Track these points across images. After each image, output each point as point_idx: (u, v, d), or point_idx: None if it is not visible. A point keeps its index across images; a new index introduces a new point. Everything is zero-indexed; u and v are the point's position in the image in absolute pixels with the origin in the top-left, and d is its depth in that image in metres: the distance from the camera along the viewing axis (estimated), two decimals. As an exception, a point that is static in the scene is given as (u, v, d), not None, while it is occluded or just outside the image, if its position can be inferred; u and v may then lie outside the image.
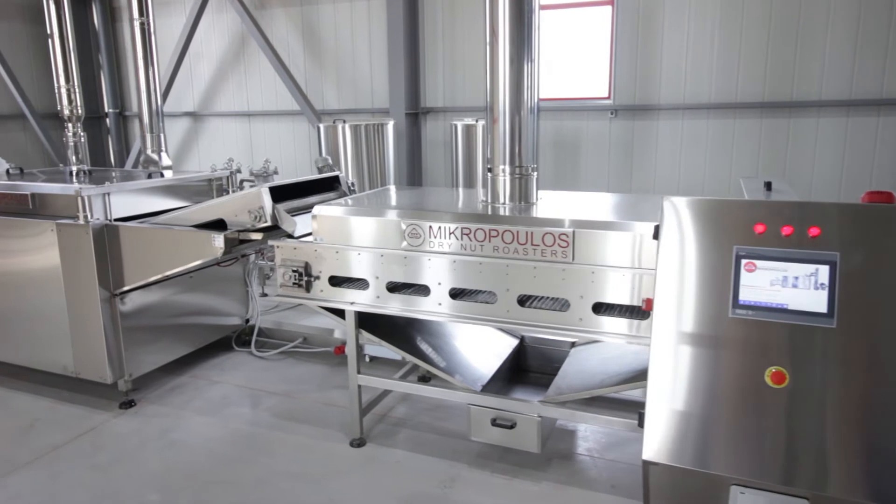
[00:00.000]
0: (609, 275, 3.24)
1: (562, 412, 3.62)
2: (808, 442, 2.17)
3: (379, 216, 3.77)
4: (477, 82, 8.80)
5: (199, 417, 4.54)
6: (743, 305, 2.26)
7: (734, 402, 2.22)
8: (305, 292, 4.03)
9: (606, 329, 3.33)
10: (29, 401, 4.81)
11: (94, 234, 4.36)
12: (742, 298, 2.26)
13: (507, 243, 3.46)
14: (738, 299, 2.26)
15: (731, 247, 2.27)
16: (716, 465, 2.21)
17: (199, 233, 4.13)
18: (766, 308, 2.23)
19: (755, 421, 2.19)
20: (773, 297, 2.22)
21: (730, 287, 2.27)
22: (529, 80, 3.77)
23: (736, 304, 2.26)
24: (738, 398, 2.22)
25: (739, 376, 2.23)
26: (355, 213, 3.85)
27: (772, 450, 2.17)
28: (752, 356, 2.22)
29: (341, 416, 4.50)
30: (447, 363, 4.07)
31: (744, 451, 2.17)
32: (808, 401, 2.19)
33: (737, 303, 2.26)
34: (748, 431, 2.19)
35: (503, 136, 3.85)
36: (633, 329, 3.25)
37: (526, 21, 3.70)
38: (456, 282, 3.62)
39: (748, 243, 2.26)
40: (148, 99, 6.20)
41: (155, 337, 4.90)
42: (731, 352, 2.25)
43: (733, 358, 2.25)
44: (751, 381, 2.21)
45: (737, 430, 2.20)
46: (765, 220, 2.24)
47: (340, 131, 7.04)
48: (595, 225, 3.29)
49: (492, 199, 3.97)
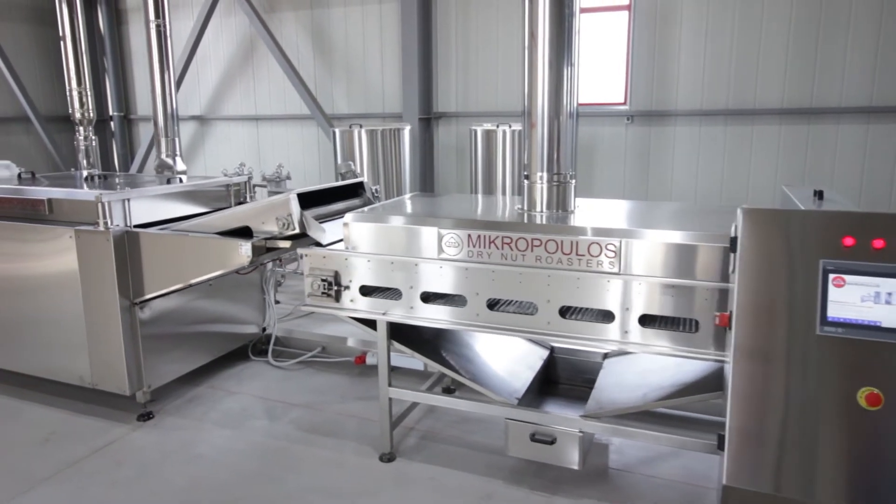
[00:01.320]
0: (658, 286, 3.14)
1: (604, 427, 3.50)
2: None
3: (415, 224, 3.65)
4: (490, 87, 8.71)
5: (220, 430, 4.41)
6: (832, 322, 2.15)
7: (825, 426, 2.11)
8: (335, 302, 3.91)
9: (654, 342, 3.22)
10: (43, 412, 4.67)
11: (115, 240, 4.23)
12: (831, 315, 2.15)
13: (551, 253, 3.35)
14: (827, 316, 2.15)
15: (818, 260, 2.16)
16: (803, 493, 2.10)
17: (225, 241, 4.01)
18: (857, 325, 2.12)
19: (848, 445, 2.07)
20: (864, 314, 2.11)
21: (817, 303, 2.16)
22: (569, 85, 3.67)
23: (824, 322, 2.16)
24: (829, 421, 2.11)
25: (830, 398, 2.12)
26: (389, 221, 3.73)
27: (866, 477, 2.05)
28: (844, 376, 2.11)
29: (367, 429, 4.38)
30: (480, 375, 3.95)
31: (835, 478, 2.06)
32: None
33: (825, 320, 2.15)
34: (840, 457, 2.07)
35: (541, 141, 3.74)
36: (684, 343, 3.14)
37: (566, 24, 3.60)
38: (494, 292, 3.51)
39: (836, 257, 2.15)
40: (163, 102, 6.07)
41: (173, 346, 4.77)
42: (820, 371, 2.14)
43: (822, 378, 2.14)
44: (843, 403, 2.10)
45: (827, 455, 2.09)
46: (854, 232, 2.14)
47: (356, 136, 6.92)
48: (644, 235, 3.18)
49: (528, 207, 3.86)
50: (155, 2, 5.90)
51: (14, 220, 4.64)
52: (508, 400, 3.74)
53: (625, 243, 3.20)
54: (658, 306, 3.18)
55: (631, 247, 3.19)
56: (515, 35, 8.47)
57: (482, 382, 3.83)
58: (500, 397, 3.74)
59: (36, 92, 10.82)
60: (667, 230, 3.20)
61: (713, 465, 3.87)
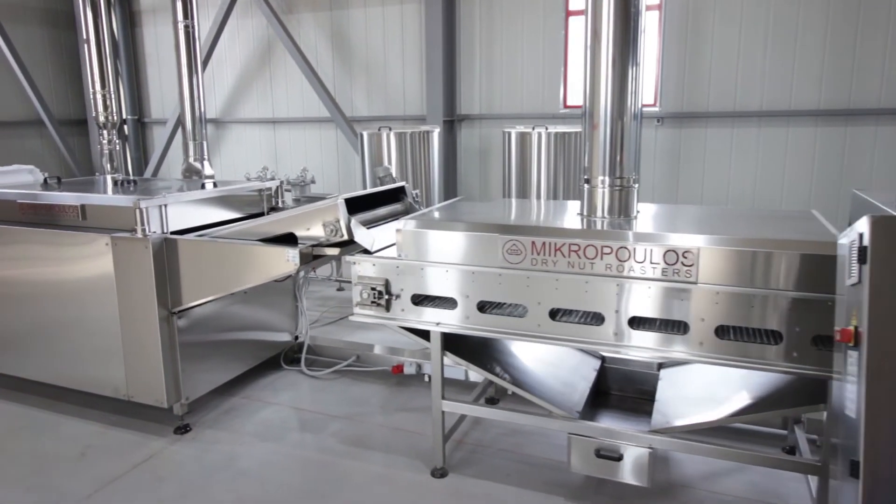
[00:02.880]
0: (737, 297, 2.98)
1: (676, 443, 3.34)
2: None
3: (474, 231, 3.50)
4: (515, 89, 8.57)
5: (262, 444, 4.25)
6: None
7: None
8: (385, 312, 3.75)
9: (731, 354, 3.06)
10: (76, 425, 4.51)
11: (154, 248, 4.07)
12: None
13: (622, 261, 3.19)
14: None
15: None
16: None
17: (271, 248, 3.85)
18: None
19: None
20: None
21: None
22: (633, 85, 3.52)
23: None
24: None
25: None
26: (445, 227, 3.58)
27: None
28: None
29: (414, 442, 4.23)
30: (538, 388, 3.80)
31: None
32: None
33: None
34: None
35: (603, 144, 3.59)
36: (765, 356, 2.99)
37: (632, 22, 3.45)
38: (558, 302, 3.35)
39: None
40: (191, 106, 5.93)
41: (209, 356, 4.62)
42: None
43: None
44: None
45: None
46: None
47: (385, 139, 6.77)
48: (724, 242, 3.03)
49: (588, 213, 3.71)
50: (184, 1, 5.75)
51: (45, 227, 4.49)
52: (569, 413, 3.58)
53: (702, 251, 3.04)
54: (736, 317, 3.03)
55: (709, 255, 3.04)
56: (540, 36, 8.34)
57: (541, 395, 3.68)
58: (561, 411, 3.59)
59: (49, 95, 10.68)
60: (748, 237, 3.05)
61: (781, 481, 3.73)
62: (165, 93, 11.16)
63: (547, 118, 8.28)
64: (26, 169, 5.94)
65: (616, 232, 3.31)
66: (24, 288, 4.60)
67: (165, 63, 11.06)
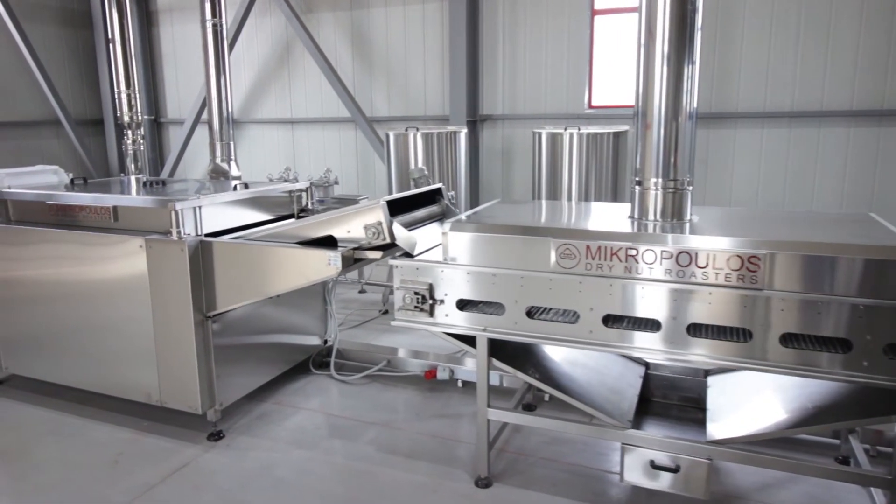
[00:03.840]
0: (804, 304, 2.87)
1: (736, 454, 3.23)
2: None
3: (525, 235, 3.39)
4: (538, 89, 8.46)
5: (298, 451, 4.15)
6: None
7: None
8: (428, 317, 3.65)
9: (797, 363, 2.95)
10: (108, 431, 4.42)
11: (190, 250, 3.97)
12: None
13: (683, 266, 3.08)
14: None
15: None
16: None
17: (311, 251, 3.75)
18: None
19: None
20: None
21: None
22: (689, 84, 3.41)
23: None
24: None
25: None
26: (495, 231, 3.47)
27: None
28: None
29: (453, 450, 4.12)
30: (587, 396, 3.69)
31: None
32: None
33: None
34: None
35: (656, 144, 3.48)
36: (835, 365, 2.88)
37: (688, 20, 3.34)
38: (611, 307, 3.25)
39: None
40: (219, 106, 5.82)
41: (243, 361, 4.52)
42: None
43: None
44: None
45: None
46: None
47: (411, 139, 6.67)
48: (792, 246, 2.92)
49: (640, 215, 3.60)
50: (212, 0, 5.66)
51: (77, 229, 4.40)
52: (621, 422, 3.47)
53: (769, 257, 2.93)
54: (802, 325, 2.92)
55: (776, 260, 2.93)
56: (565, 35, 8.22)
57: (591, 403, 3.57)
58: (613, 420, 3.48)
59: (66, 95, 10.61)
60: (814, 241, 2.94)
61: (837, 492, 3.62)
62: (182, 93, 11.08)
63: (572, 118, 8.17)
64: (51, 169, 5.84)
65: (676, 236, 3.19)
66: (54, 291, 4.51)
67: (182, 63, 10.99)
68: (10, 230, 4.64)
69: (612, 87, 8.27)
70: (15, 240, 4.60)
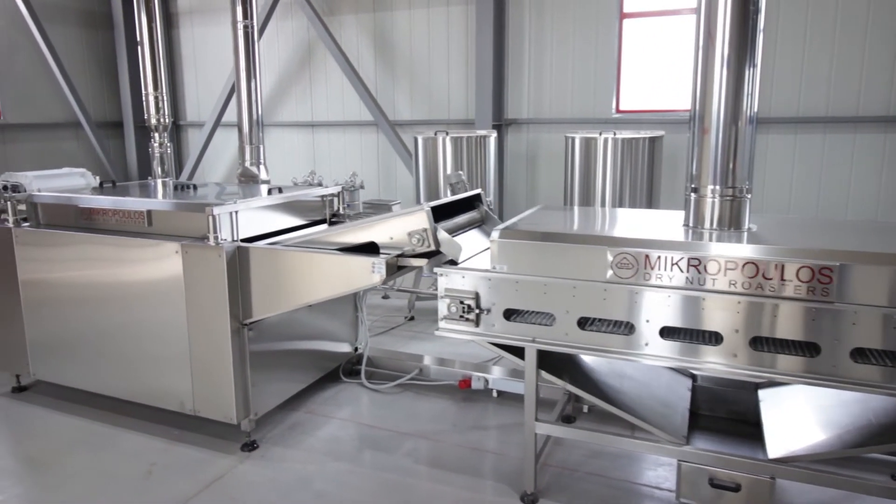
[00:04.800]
0: (878, 317, 2.75)
1: (801, 473, 3.10)
2: None
3: (579, 244, 3.28)
4: (564, 93, 8.35)
5: (333, 463, 4.04)
6: None
7: None
8: (474, 327, 3.54)
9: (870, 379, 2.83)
10: (139, 441, 4.32)
11: (227, 256, 3.88)
12: None
13: (749, 277, 2.96)
14: None
15: None
16: None
17: (354, 258, 3.64)
18: None
19: None
20: None
21: None
22: (749, 87, 3.29)
23: None
24: None
25: None
26: (547, 239, 3.36)
27: None
28: None
29: (496, 464, 4.01)
30: (639, 410, 3.56)
31: None
32: None
33: None
34: None
35: (714, 150, 3.37)
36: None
37: (750, 21, 3.23)
38: (670, 319, 3.13)
39: None
40: (249, 108, 5.73)
41: (277, 369, 4.42)
42: None
43: None
44: None
45: None
46: None
47: (440, 143, 6.57)
48: (868, 258, 2.79)
49: (695, 224, 3.48)
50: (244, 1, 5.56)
51: (110, 233, 4.31)
52: (676, 438, 3.35)
53: (842, 268, 2.81)
54: (875, 339, 2.80)
55: (849, 271, 2.81)
56: (592, 38, 8.11)
57: (644, 418, 3.45)
58: (667, 435, 3.36)
59: (86, 97, 10.56)
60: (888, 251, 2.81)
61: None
62: (201, 95, 11.02)
63: (599, 123, 8.05)
64: (78, 172, 5.77)
65: (740, 246, 3.07)
66: (86, 296, 4.42)
67: (202, 65, 10.93)
68: (41, 234, 4.56)
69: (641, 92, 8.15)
70: (46, 243, 4.52)
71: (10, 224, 4.69)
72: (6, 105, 9.72)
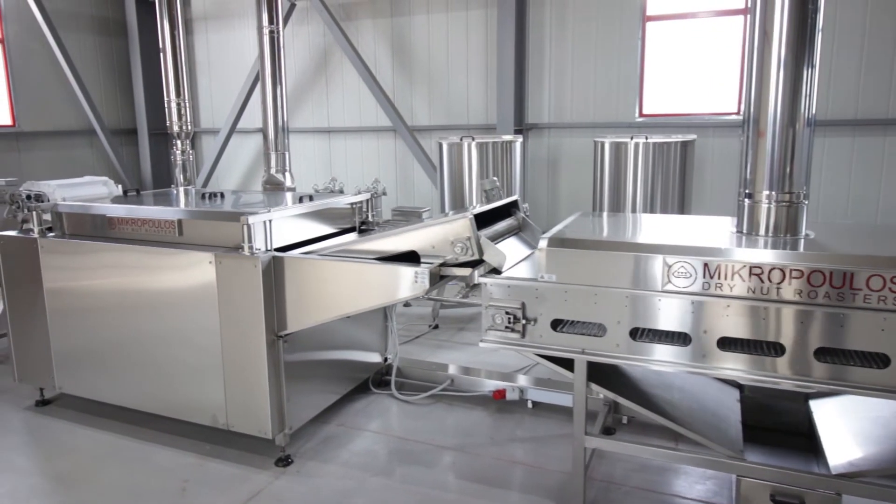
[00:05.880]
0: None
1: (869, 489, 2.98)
2: None
3: (633, 252, 3.16)
4: (586, 97, 8.24)
5: (374, 479, 3.93)
6: None
7: None
8: (520, 338, 3.43)
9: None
10: (169, 456, 4.22)
11: (263, 267, 3.77)
12: None
13: (815, 286, 2.84)
14: None
15: None
16: None
17: (397, 267, 3.54)
18: None
19: None
20: None
21: None
22: (808, 88, 3.18)
23: None
24: None
25: None
26: (599, 247, 3.25)
27: None
28: None
29: (538, 478, 3.90)
30: (693, 423, 3.45)
31: None
32: None
33: None
34: None
35: (770, 154, 3.25)
36: None
37: (809, 20, 3.12)
38: (729, 330, 3.01)
39: None
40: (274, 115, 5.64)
41: (311, 381, 4.32)
42: None
43: None
44: None
45: None
46: None
47: (466, 149, 6.46)
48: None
49: (748, 230, 3.36)
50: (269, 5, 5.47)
51: (139, 243, 4.21)
52: (734, 452, 3.23)
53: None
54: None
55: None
56: (615, 42, 8.01)
57: (698, 431, 3.33)
58: (724, 449, 3.24)
59: (100, 104, 10.50)
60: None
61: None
62: (216, 102, 10.95)
63: (622, 127, 7.94)
64: (100, 180, 5.69)
65: (803, 253, 2.96)
66: (114, 309, 4.33)
67: (217, 71, 10.86)
68: (69, 243, 4.46)
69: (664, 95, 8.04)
70: (74, 253, 4.43)
71: (36, 234, 4.60)
72: (21, 113, 9.66)
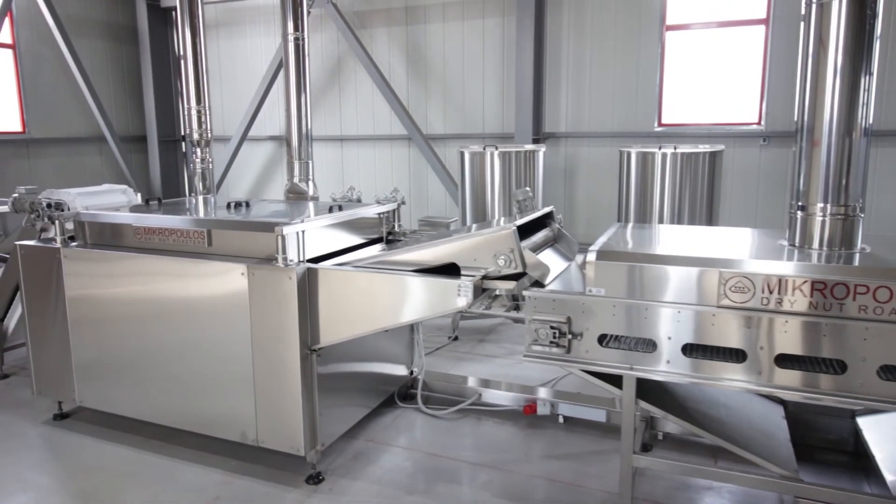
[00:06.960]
0: None
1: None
2: None
3: (686, 266, 3.07)
4: (604, 107, 8.18)
5: (409, 497, 3.82)
6: None
7: None
8: (566, 353, 3.33)
9: None
10: (197, 473, 4.10)
11: (298, 279, 3.67)
12: None
13: (881, 302, 2.75)
14: None
15: None
16: None
17: (439, 280, 3.44)
18: None
19: None
20: None
21: None
22: (865, 97, 3.10)
23: None
24: None
25: None
26: (651, 261, 3.15)
27: None
28: None
29: (579, 497, 3.80)
30: (744, 441, 3.35)
31: None
32: None
33: None
34: None
35: (826, 165, 3.16)
36: None
37: (867, 27, 3.04)
38: (787, 346, 2.91)
39: None
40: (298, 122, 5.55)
41: (342, 396, 4.21)
42: None
43: None
44: None
45: None
46: None
47: (488, 158, 6.38)
48: None
49: (801, 243, 3.27)
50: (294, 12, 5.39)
51: (165, 253, 4.11)
52: (789, 472, 3.13)
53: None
54: None
55: None
56: (634, 51, 7.95)
57: (752, 450, 3.23)
58: (779, 469, 3.14)
59: (110, 111, 10.41)
60: None
61: None
62: (227, 109, 10.87)
63: (640, 137, 7.88)
64: (119, 189, 5.61)
65: (869, 268, 2.86)
66: (140, 321, 4.22)
67: (228, 79, 10.80)
68: (92, 253, 4.36)
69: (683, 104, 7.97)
70: (98, 263, 4.32)
71: (58, 243, 4.50)
72: (31, 120, 9.57)
